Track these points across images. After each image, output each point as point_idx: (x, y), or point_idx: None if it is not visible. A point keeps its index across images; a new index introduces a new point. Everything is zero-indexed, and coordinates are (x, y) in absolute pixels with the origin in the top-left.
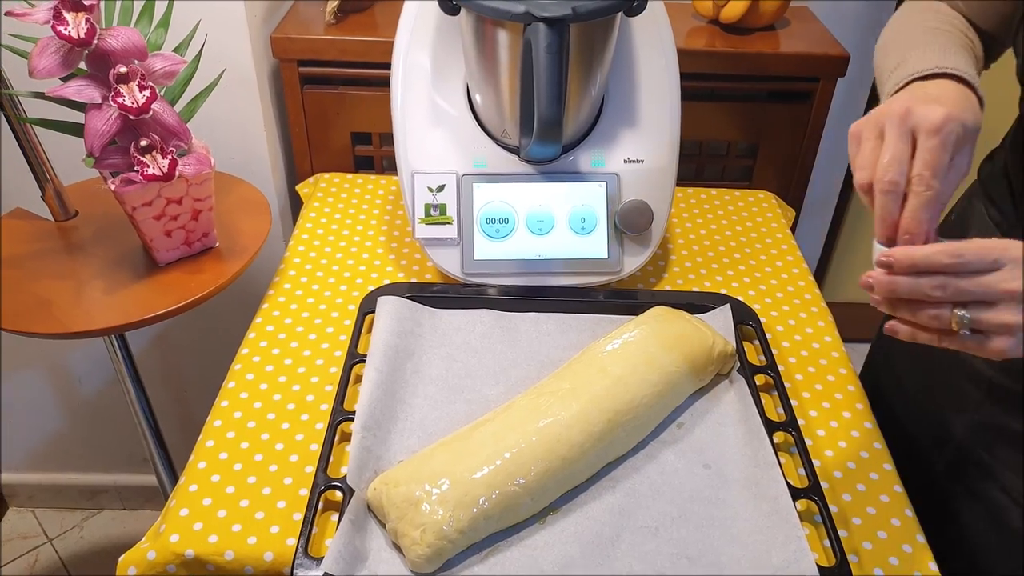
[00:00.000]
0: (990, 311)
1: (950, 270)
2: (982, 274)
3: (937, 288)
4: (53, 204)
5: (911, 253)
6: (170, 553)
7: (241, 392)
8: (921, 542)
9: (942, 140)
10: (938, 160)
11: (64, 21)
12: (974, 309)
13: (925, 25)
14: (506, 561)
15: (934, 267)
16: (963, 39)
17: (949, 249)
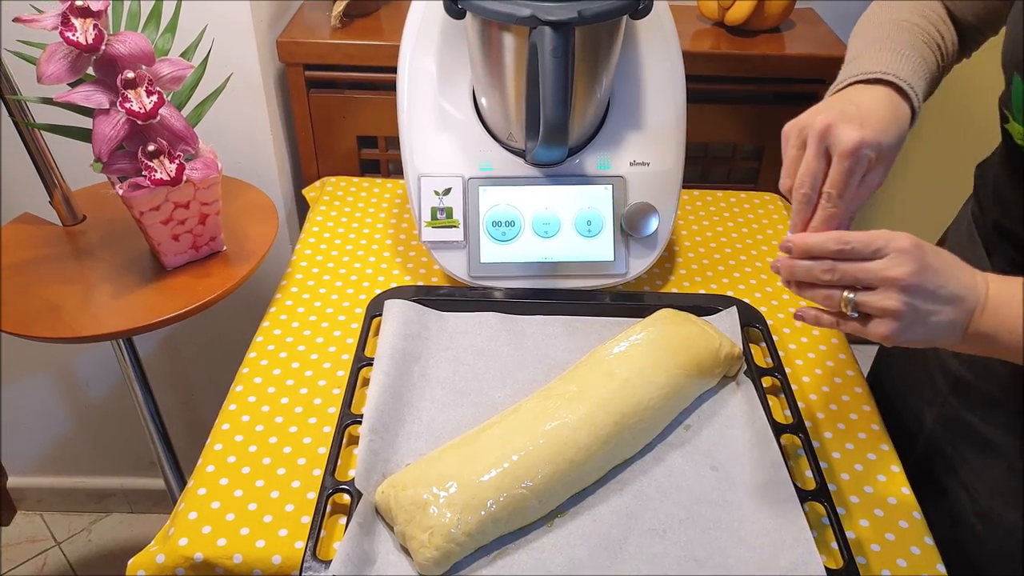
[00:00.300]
0: (872, 295)
1: (838, 256)
2: (867, 261)
3: (826, 272)
4: (61, 209)
5: (806, 239)
6: (179, 556)
7: (249, 396)
8: (929, 544)
9: (850, 165)
10: (845, 182)
11: (72, 27)
12: (860, 294)
13: (897, 17)
14: (514, 564)
15: (824, 253)
16: (928, 36)
17: (837, 236)
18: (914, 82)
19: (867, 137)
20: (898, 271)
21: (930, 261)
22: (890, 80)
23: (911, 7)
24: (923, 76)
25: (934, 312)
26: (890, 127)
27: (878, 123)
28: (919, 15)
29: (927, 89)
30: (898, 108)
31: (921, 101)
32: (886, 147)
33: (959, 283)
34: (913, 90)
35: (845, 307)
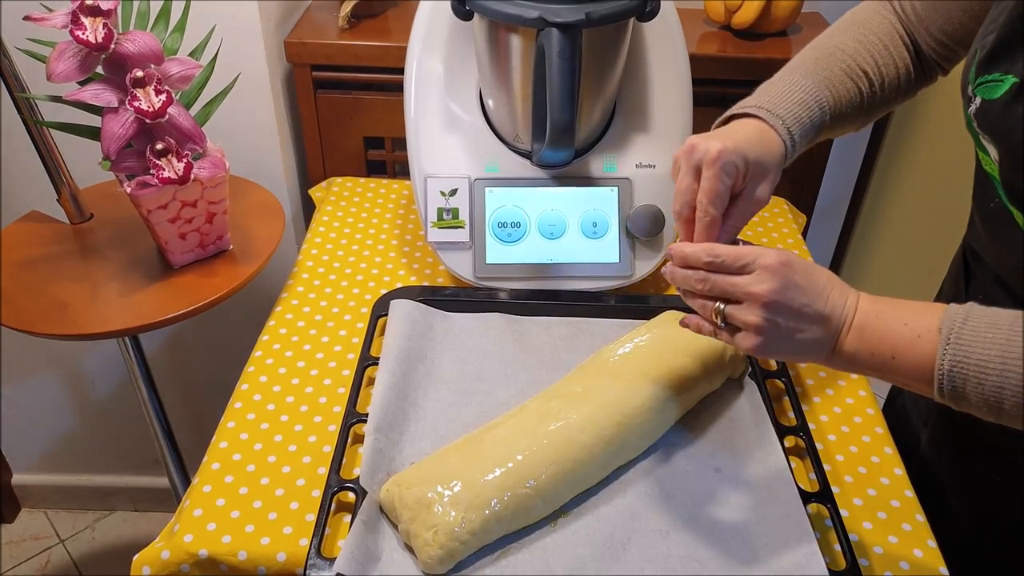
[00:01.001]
0: (738, 309)
1: (709, 268)
2: (736, 275)
3: (700, 282)
4: (69, 207)
5: (683, 248)
6: (184, 553)
7: (254, 394)
8: (932, 547)
9: (716, 171)
10: (713, 188)
11: (82, 25)
12: (729, 306)
13: (831, 43)
14: (517, 563)
15: (697, 263)
16: (852, 64)
17: (708, 249)
18: (790, 116)
19: (728, 146)
20: (760, 288)
21: (796, 280)
22: (759, 115)
23: (854, 30)
24: (814, 108)
25: (798, 330)
26: (754, 144)
27: (741, 138)
28: (856, 40)
29: (822, 120)
30: (766, 135)
31: (797, 133)
32: (753, 160)
33: (826, 303)
34: (783, 124)
35: (715, 317)
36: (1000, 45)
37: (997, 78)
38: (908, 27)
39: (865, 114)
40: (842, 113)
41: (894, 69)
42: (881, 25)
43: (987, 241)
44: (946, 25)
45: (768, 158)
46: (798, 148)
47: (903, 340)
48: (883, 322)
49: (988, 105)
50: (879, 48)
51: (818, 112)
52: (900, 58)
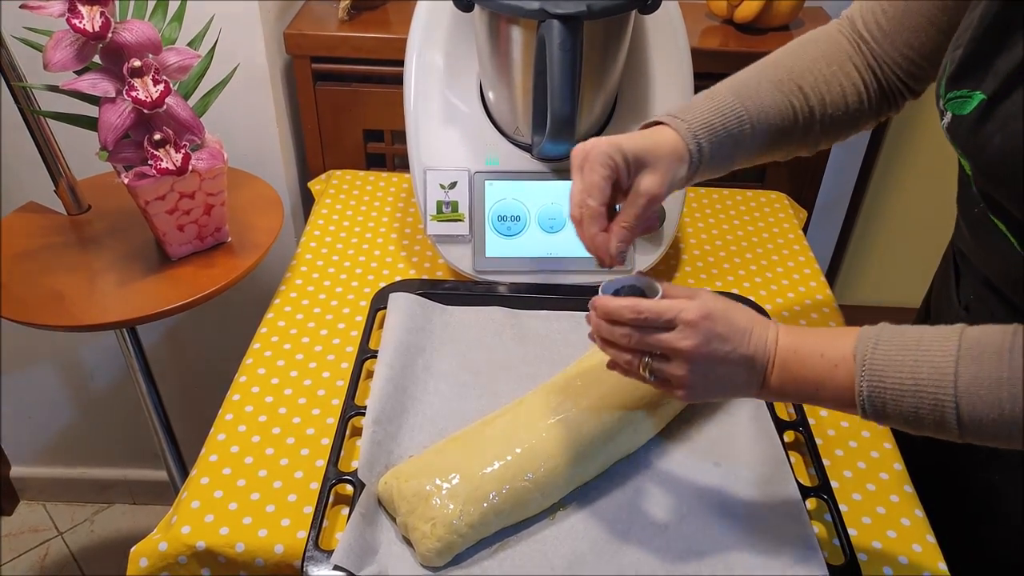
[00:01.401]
0: (666, 364)
1: (633, 324)
2: (660, 331)
3: (624, 337)
4: (66, 198)
5: (606, 304)
6: (182, 544)
7: (253, 386)
8: (931, 542)
9: (590, 165)
10: (589, 180)
11: (79, 14)
12: (656, 360)
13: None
14: (516, 556)
15: (620, 319)
16: (790, 84)
17: (631, 306)
18: (696, 121)
19: (601, 142)
20: (685, 343)
21: (717, 330)
22: (665, 121)
23: (800, 49)
24: (727, 116)
25: (726, 375)
26: (637, 140)
27: (624, 137)
28: (797, 56)
29: (742, 135)
30: (659, 132)
31: (705, 142)
32: (632, 152)
33: (748, 345)
34: (689, 128)
35: (643, 371)
36: (968, 61)
37: (965, 94)
38: (869, 49)
39: (806, 133)
40: (772, 126)
41: (839, 89)
42: (829, 46)
43: (973, 245)
44: (913, 40)
45: (652, 151)
46: (708, 154)
47: (823, 371)
48: (802, 356)
49: (959, 120)
50: (820, 66)
51: (734, 120)
52: (847, 79)
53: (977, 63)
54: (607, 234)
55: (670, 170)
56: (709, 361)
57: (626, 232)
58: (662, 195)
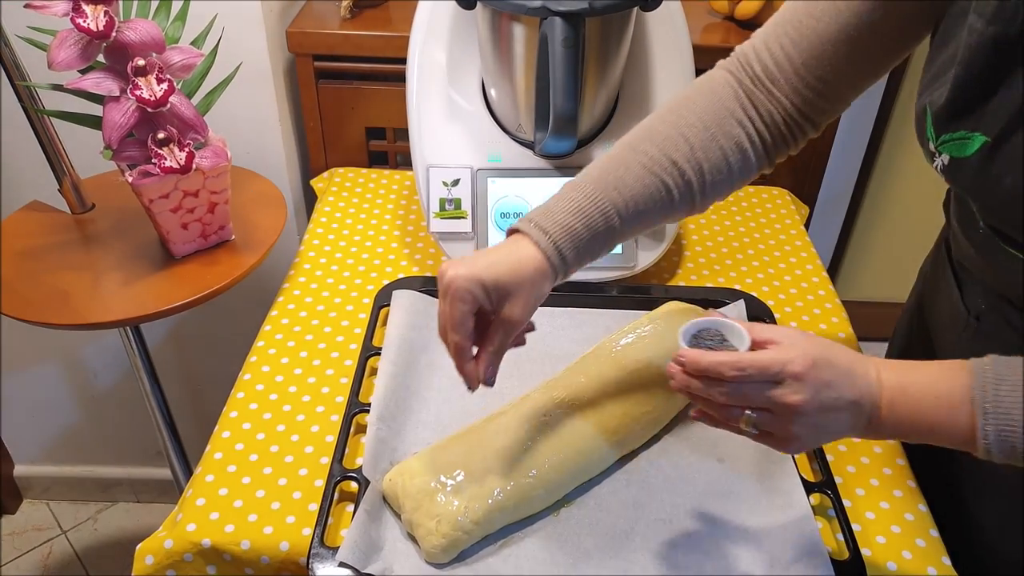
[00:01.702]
0: (772, 419)
1: (733, 381)
2: (765, 385)
3: (724, 395)
4: (70, 197)
5: (699, 360)
6: (187, 542)
7: (257, 384)
8: (935, 536)
9: (450, 300)
10: (450, 315)
11: (83, 14)
12: (761, 414)
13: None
14: (520, 552)
15: (719, 376)
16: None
17: (732, 362)
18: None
19: (461, 273)
20: (795, 399)
21: (824, 377)
22: (524, 230)
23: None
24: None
25: (832, 422)
26: (497, 267)
27: (485, 263)
28: (672, 125)
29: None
30: (518, 253)
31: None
32: (492, 284)
33: (854, 388)
34: (551, 240)
35: (745, 426)
36: (959, 100)
37: (963, 136)
38: (764, 92)
39: (686, 205)
40: (645, 211)
41: (719, 153)
42: (709, 104)
43: (980, 262)
44: (827, 71)
45: (514, 278)
46: (573, 261)
47: (940, 415)
48: (913, 396)
49: (960, 162)
50: (697, 132)
51: (600, 219)
52: (728, 139)
53: (971, 103)
54: (475, 362)
55: (533, 293)
56: (818, 412)
57: (495, 357)
58: (525, 321)
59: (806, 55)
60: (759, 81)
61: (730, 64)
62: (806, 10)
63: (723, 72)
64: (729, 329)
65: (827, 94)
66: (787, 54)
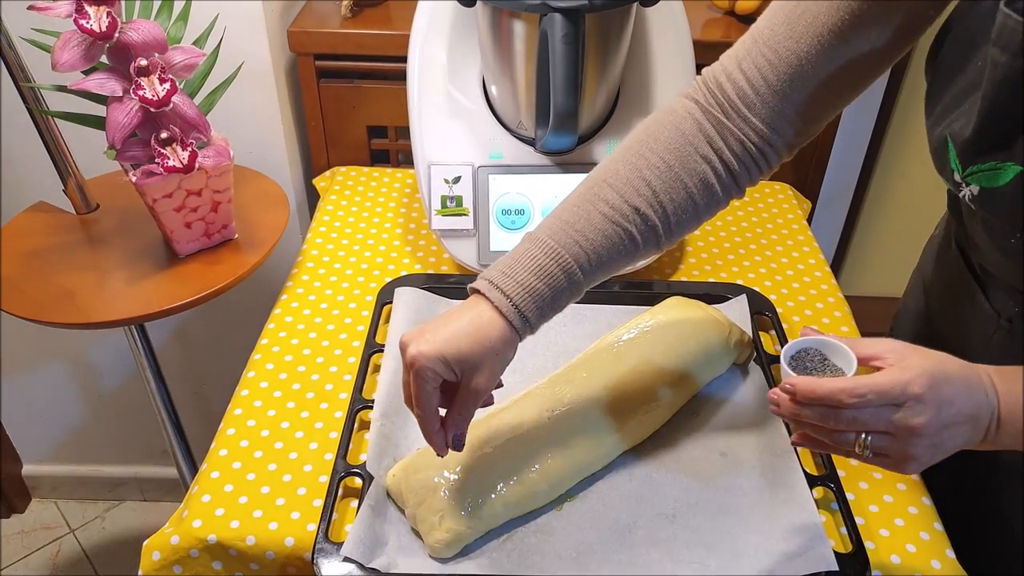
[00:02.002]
0: (891, 442)
1: (851, 407)
2: (885, 409)
3: (840, 422)
4: (75, 197)
5: (813, 388)
6: (193, 538)
7: (261, 381)
8: (939, 530)
9: (413, 377)
10: (415, 392)
11: (86, 15)
12: (877, 437)
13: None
14: (524, 546)
15: (838, 404)
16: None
17: (850, 389)
18: (519, 291)
19: (423, 351)
20: (918, 420)
21: (945, 395)
22: (484, 293)
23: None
24: (554, 275)
25: (950, 438)
26: (460, 340)
27: (446, 336)
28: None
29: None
30: (481, 322)
31: (531, 310)
32: (455, 360)
33: (971, 401)
34: (511, 303)
35: (860, 450)
36: (986, 132)
37: (994, 166)
38: (732, 121)
39: (652, 246)
40: (609, 261)
41: (684, 193)
42: (672, 139)
43: (1008, 267)
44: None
45: (478, 352)
46: (536, 321)
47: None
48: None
49: (993, 193)
50: (660, 172)
51: (562, 277)
52: (693, 176)
53: (1001, 133)
54: (442, 431)
55: (498, 361)
56: (939, 431)
57: (463, 424)
58: (491, 388)
59: (784, 79)
60: (732, 107)
61: (696, 93)
62: (785, 31)
63: (687, 102)
64: (830, 348)
65: (806, 116)
66: (764, 77)
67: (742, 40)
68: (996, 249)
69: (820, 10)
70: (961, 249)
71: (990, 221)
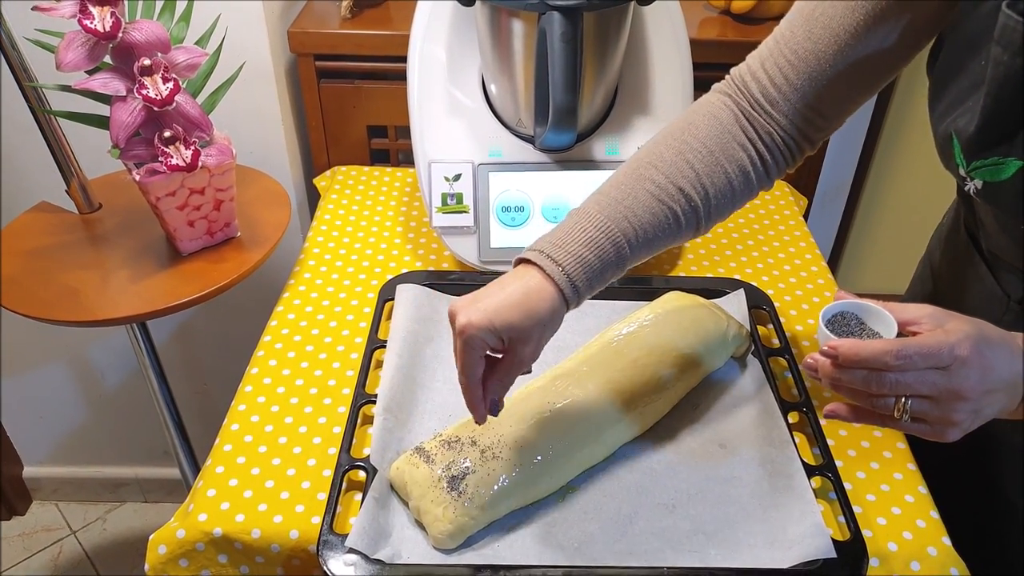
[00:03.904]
0: (934, 406)
1: (896, 369)
2: (930, 372)
3: (883, 385)
4: (78, 197)
5: (857, 351)
6: (198, 531)
7: (264, 378)
8: (935, 518)
9: (461, 346)
10: (461, 360)
11: (90, 15)
12: (918, 402)
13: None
14: (526, 537)
15: (883, 367)
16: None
17: (896, 351)
18: (571, 261)
19: (474, 320)
20: (965, 384)
21: (987, 360)
22: (537, 262)
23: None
24: (604, 247)
25: (990, 403)
26: (512, 309)
27: (496, 305)
28: (677, 152)
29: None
30: (532, 292)
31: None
32: (505, 328)
33: (1010, 367)
34: (564, 272)
35: (899, 415)
36: (988, 127)
37: (997, 161)
38: (762, 115)
39: (691, 230)
40: (653, 240)
41: (724, 178)
42: (712, 128)
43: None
44: (824, 94)
45: (528, 323)
46: (584, 292)
47: None
48: None
49: (995, 187)
50: (702, 157)
51: (611, 250)
52: (732, 163)
53: (1002, 129)
54: (482, 398)
55: (545, 332)
56: (983, 395)
57: (502, 390)
58: (536, 358)
59: (804, 77)
60: (757, 104)
61: (727, 87)
62: (804, 32)
63: (721, 96)
64: (867, 312)
65: (825, 113)
66: (785, 76)
67: (766, 41)
68: (1004, 234)
69: (836, 11)
70: (970, 233)
71: (996, 213)
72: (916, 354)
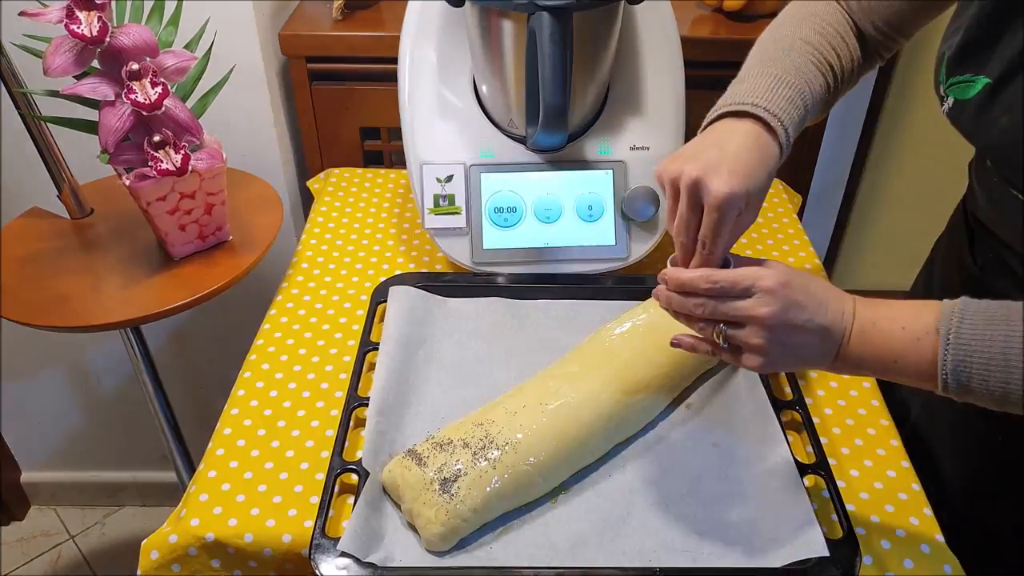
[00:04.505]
0: (741, 332)
1: (707, 294)
2: (736, 299)
3: (698, 307)
4: (69, 202)
5: (679, 275)
6: (191, 536)
7: (257, 381)
8: (928, 515)
9: (720, 216)
10: (716, 231)
11: (77, 20)
12: (731, 327)
13: (793, 34)
14: (519, 539)
15: (695, 290)
16: (820, 57)
17: (707, 275)
18: (785, 115)
19: (735, 188)
20: (763, 311)
21: (795, 298)
22: (758, 115)
23: (812, 22)
24: (800, 104)
25: (801, 344)
26: (757, 171)
27: (744, 169)
28: (817, 32)
29: (805, 116)
30: (765, 149)
31: (792, 133)
32: (755, 192)
33: (826, 315)
34: (782, 125)
35: (718, 338)
36: (969, 46)
37: (968, 79)
38: (853, 16)
39: (826, 107)
40: (818, 103)
41: (850, 60)
42: (835, 16)
43: (990, 213)
44: (892, 18)
45: (765, 181)
46: (787, 151)
47: (903, 344)
48: (881, 328)
49: (961, 105)
50: (838, 40)
51: (803, 108)
52: (853, 48)
53: (979, 48)
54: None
55: (764, 198)
56: (786, 329)
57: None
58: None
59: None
60: (852, 10)
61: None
62: None
63: None
64: None
65: (890, 33)
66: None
67: None
68: (981, 189)
69: None
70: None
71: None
72: (723, 280)
